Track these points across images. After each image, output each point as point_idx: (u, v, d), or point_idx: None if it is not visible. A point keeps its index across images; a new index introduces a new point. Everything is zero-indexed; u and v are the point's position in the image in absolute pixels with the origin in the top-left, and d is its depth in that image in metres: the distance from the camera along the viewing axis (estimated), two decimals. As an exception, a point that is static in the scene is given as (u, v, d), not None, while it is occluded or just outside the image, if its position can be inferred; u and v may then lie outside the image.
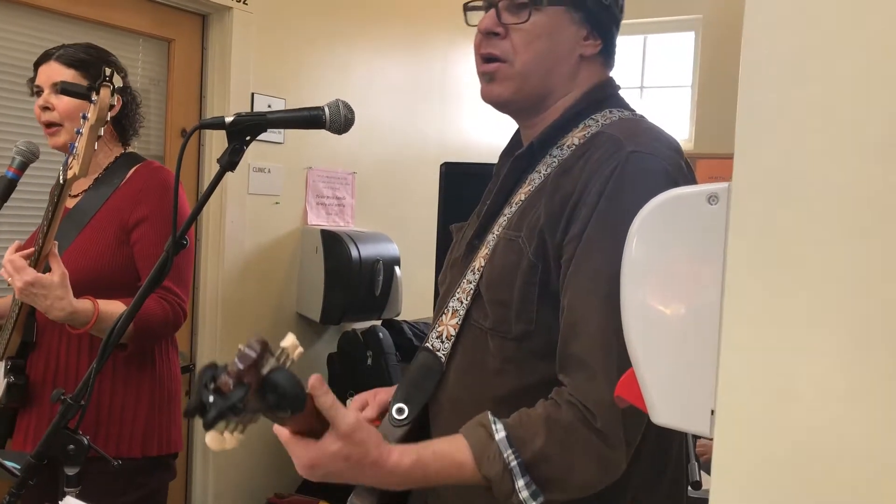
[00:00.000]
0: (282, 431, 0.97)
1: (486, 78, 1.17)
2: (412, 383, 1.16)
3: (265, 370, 0.77)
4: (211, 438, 0.79)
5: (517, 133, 1.27)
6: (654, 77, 4.92)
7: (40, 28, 2.36)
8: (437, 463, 0.99)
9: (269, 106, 2.91)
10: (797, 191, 0.56)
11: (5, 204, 1.70)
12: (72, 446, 1.28)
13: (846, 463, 0.54)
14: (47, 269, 1.55)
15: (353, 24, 3.28)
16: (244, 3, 2.79)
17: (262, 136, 1.19)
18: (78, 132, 1.42)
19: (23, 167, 1.70)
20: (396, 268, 3.14)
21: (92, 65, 1.75)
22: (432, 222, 2.89)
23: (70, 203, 1.80)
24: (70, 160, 1.44)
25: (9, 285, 1.58)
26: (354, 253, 2.99)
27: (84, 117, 1.41)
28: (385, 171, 3.49)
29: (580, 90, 1.18)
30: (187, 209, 1.87)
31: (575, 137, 1.13)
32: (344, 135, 1.24)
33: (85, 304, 1.60)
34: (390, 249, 3.18)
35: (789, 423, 0.56)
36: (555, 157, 1.13)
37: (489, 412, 1.01)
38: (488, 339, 1.11)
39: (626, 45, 4.99)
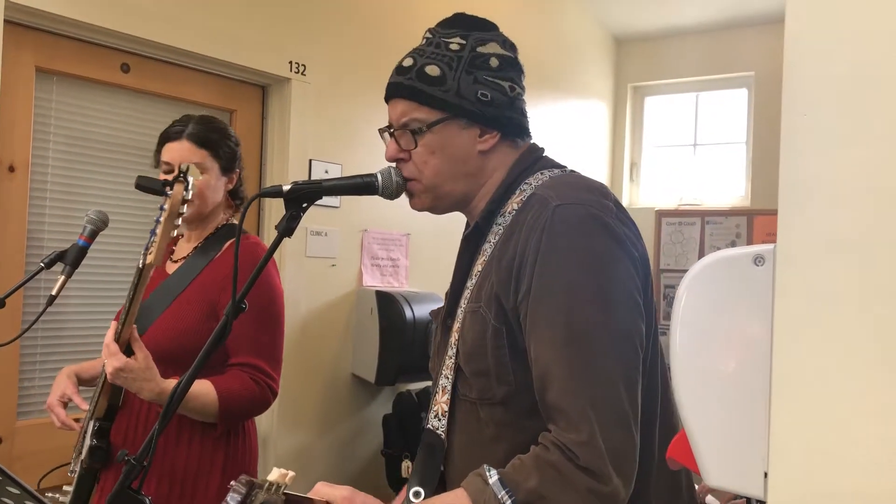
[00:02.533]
0: None
1: (408, 194, 1.28)
2: (423, 465, 1.21)
3: None
4: None
5: None
6: (708, 134, 4.91)
7: (114, 104, 2.50)
8: None
9: (327, 171, 3.00)
10: (841, 252, 0.57)
11: (77, 270, 1.78)
12: (134, 507, 1.31)
13: (904, 529, 0.53)
14: (129, 352, 1.61)
15: (407, 90, 3.37)
16: (302, 74, 2.90)
17: (319, 201, 1.23)
18: (157, 220, 1.50)
19: (93, 235, 1.78)
20: (450, 328, 3.14)
21: (218, 145, 1.86)
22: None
23: (170, 268, 1.87)
24: (150, 246, 1.51)
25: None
26: (409, 313, 3.01)
27: (161, 208, 1.48)
28: (437, 231, 3.53)
29: (505, 167, 1.25)
30: (275, 280, 1.90)
31: (514, 203, 1.20)
32: (398, 198, 1.29)
33: (172, 384, 1.63)
34: (444, 310, 3.19)
35: (842, 487, 0.55)
36: (500, 224, 1.21)
37: (485, 464, 1.08)
38: (478, 408, 1.17)
39: (679, 104, 5.01)
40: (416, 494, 1.16)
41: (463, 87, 1.20)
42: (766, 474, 0.62)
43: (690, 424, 0.69)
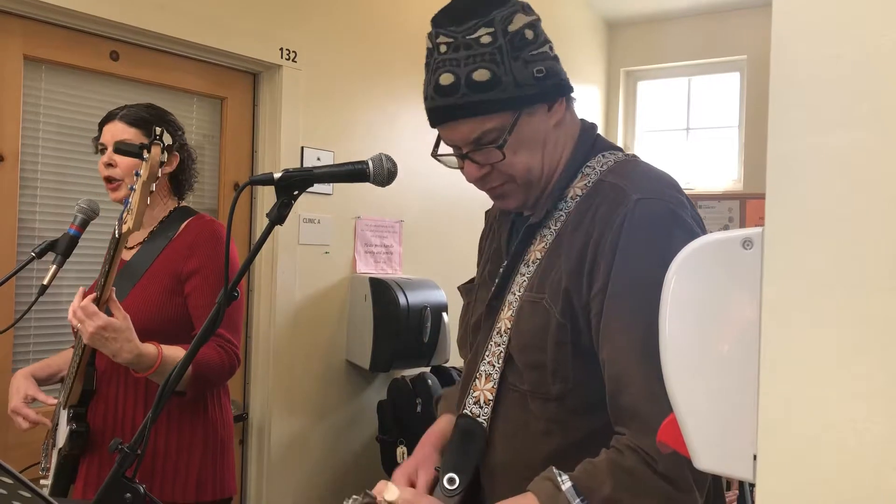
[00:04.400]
0: None
1: (495, 196, 1.21)
2: (458, 452, 1.16)
3: None
4: None
5: None
6: (701, 118, 4.91)
7: (103, 92, 2.48)
8: None
9: (319, 159, 2.99)
10: (829, 235, 0.57)
11: (68, 259, 1.78)
12: (129, 495, 1.31)
13: (890, 509, 0.53)
14: (108, 315, 1.61)
15: (399, 76, 3.36)
16: (293, 60, 2.89)
17: (311, 188, 1.22)
18: (132, 188, 1.49)
19: (84, 224, 1.78)
20: (444, 314, 3.15)
21: (152, 123, 1.84)
22: (479, 269, 2.91)
23: (126, 256, 1.87)
24: (125, 215, 1.51)
25: (71, 332, 1.64)
26: (402, 300, 3.02)
27: (137, 174, 1.48)
28: (431, 218, 3.53)
29: (569, 143, 1.21)
30: (237, 261, 1.93)
31: (577, 188, 1.16)
32: (391, 184, 1.28)
33: (150, 348, 1.65)
34: (438, 296, 3.20)
35: (831, 468, 0.56)
36: (561, 210, 1.16)
37: (553, 467, 1.03)
38: (528, 401, 1.12)
39: (672, 88, 5.00)
40: (451, 481, 1.12)
41: (519, 76, 1.11)
42: (755, 457, 0.63)
43: (680, 408, 0.69)
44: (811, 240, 0.57)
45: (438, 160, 1.25)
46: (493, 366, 1.16)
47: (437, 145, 1.22)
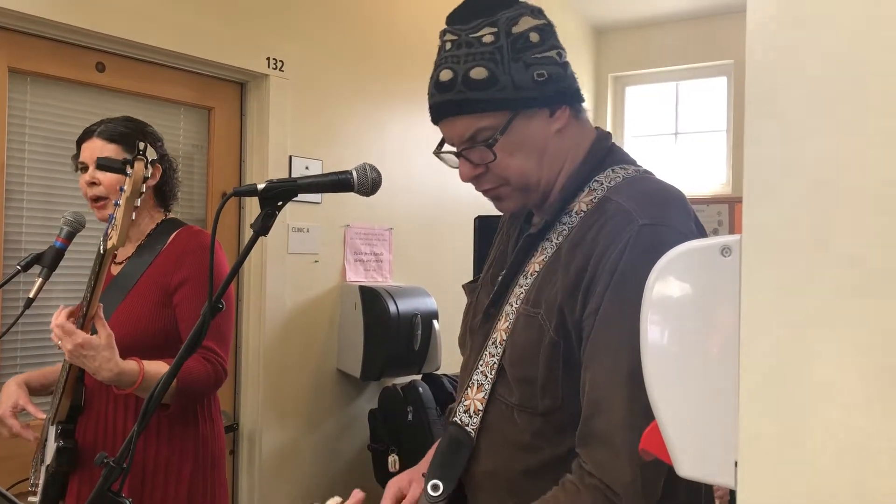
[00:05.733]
0: None
1: (491, 198, 1.20)
2: (445, 459, 1.15)
3: None
4: None
5: None
6: (689, 123, 4.93)
7: (89, 103, 2.48)
8: None
9: (307, 168, 2.99)
10: (806, 242, 0.57)
11: (55, 272, 1.77)
12: (116, 509, 1.30)
13: (868, 515, 0.53)
14: (94, 333, 1.60)
15: (387, 85, 3.36)
16: (280, 70, 2.89)
17: (300, 197, 1.22)
18: (116, 204, 1.48)
19: (70, 237, 1.77)
20: (435, 322, 3.15)
21: (131, 137, 1.83)
22: (468, 275, 2.91)
23: (115, 270, 1.86)
24: (109, 231, 1.50)
25: (58, 349, 1.63)
26: (393, 308, 3.01)
27: (121, 189, 1.47)
28: (421, 226, 3.53)
29: (576, 152, 1.18)
30: (226, 271, 1.92)
31: (582, 203, 1.13)
32: (380, 192, 1.27)
33: (131, 365, 1.64)
34: (428, 303, 3.20)
35: (812, 475, 0.56)
36: (564, 224, 1.13)
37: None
38: (515, 414, 1.11)
39: (660, 93, 5.02)
40: (435, 488, 1.11)
41: (517, 78, 1.10)
42: (736, 463, 0.63)
43: (662, 415, 0.69)
44: (788, 247, 0.58)
45: (440, 158, 1.23)
46: (486, 376, 1.15)
47: (440, 144, 1.21)
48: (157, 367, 1.67)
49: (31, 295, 1.74)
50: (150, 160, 1.45)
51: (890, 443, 0.53)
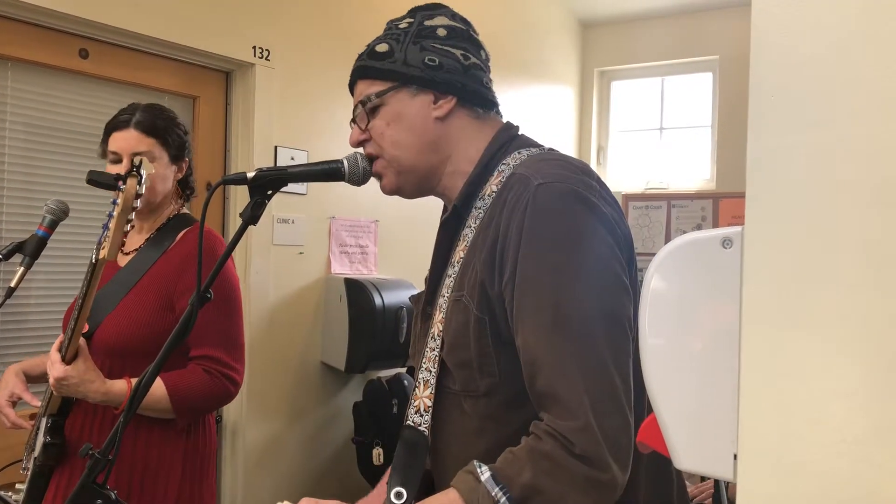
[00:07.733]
0: None
1: (376, 177, 1.26)
2: (404, 464, 1.14)
3: None
4: None
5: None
6: (674, 118, 4.94)
7: (72, 90, 2.44)
8: None
9: (293, 158, 2.96)
10: (808, 234, 0.57)
11: (37, 261, 1.74)
12: (99, 501, 1.28)
13: (871, 508, 0.53)
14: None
15: (373, 75, 3.34)
16: (266, 59, 2.86)
17: (285, 188, 1.21)
18: (109, 215, 1.46)
19: (53, 225, 1.74)
20: (420, 314, 3.14)
21: (167, 133, 1.81)
22: (455, 268, 2.90)
23: (122, 261, 1.83)
24: (103, 240, 1.47)
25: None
26: (378, 301, 3.00)
27: (114, 203, 1.44)
28: (407, 218, 3.52)
29: (475, 143, 1.22)
30: (232, 272, 1.87)
31: (493, 184, 1.16)
32: (366, 184, 1.27)
33: (119, 385, 1.64)
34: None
35: (812, 468, 0.56)
36: (479, 208, 1.17)
37: (475, 460, 1.03)
38: (461, 401, 1.13)
39: (645, 88, 5.03)
40: (398, 496, 1.10)
41: (410, 56, 1.20)
42: (735, 456, 0.62)
43: (660, 408, 0.69)
44: (790, 239, 0.57)
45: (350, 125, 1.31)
46: (430, 371, 1.16)
47: (354, 110, 1.29)
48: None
49: (12, 284, 1.71)
50: (143, 177, 1.43)
51: (890, 435, 0.53)
